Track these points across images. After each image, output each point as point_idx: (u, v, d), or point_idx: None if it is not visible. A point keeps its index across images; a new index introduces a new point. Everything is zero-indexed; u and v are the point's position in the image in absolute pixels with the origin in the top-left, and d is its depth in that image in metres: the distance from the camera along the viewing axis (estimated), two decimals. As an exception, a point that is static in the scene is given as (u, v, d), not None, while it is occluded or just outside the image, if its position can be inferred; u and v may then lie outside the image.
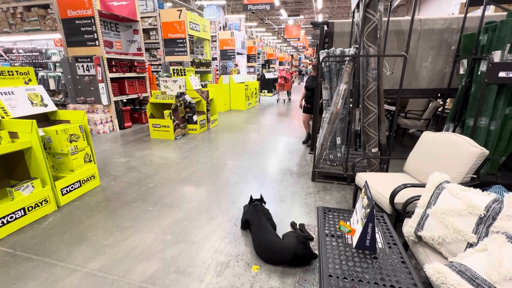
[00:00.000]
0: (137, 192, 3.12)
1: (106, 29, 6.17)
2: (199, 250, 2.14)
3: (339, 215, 1.68)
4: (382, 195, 2.10)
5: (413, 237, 1.59)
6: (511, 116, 2.81)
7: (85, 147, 3.09)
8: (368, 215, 1.28)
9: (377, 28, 2.86)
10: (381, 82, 3.04)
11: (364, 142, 3.24)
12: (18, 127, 2.52)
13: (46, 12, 6.22)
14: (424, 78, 3.62)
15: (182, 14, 7.42)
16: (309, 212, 2.68)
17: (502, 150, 2.94)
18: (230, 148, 4.85)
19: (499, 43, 2.66)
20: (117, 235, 2.34)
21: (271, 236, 2.05)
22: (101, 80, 5.56)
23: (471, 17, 3.31)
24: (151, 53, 8.48)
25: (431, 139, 2.31)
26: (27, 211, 2.46)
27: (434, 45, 3.47)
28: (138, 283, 1.82)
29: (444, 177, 1.60)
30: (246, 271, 1.92)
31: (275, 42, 29.71)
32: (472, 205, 1.35)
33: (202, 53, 9.44)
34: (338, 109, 3.17)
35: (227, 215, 2.64)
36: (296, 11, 19.75)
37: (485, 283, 1.03)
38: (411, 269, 1.22)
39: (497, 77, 2.54)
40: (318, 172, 3.39)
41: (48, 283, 1.82)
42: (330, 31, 3.77)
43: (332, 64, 3.22)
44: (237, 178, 3.53)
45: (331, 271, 1.21)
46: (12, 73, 2.95)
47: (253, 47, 15.22)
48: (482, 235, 1.29)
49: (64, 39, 5.56)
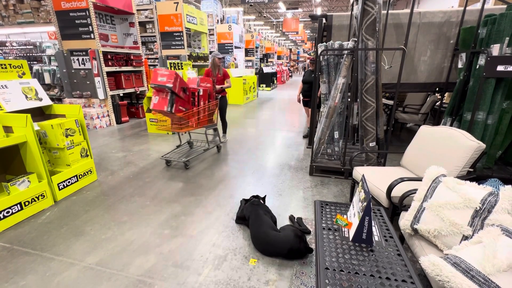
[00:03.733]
0: (134, 186, 3.11)
1: (102, 22, 6.06)
2: (196, 244, 2.15)
3: (336, 209, 1.69)
4: (379, 189, 2.11)
5: (409, 230, 1.60)
6: (508, 110, 2.82)
7: (82, 141, 3.07)
8: (365, 208, 1.28)
9: (376, 21, 2.83)
10: (379, 76, 3.03)
11: (362, 136, 3.24)
12: (13, 121, 2.48)
13: (40, 4, 6.09)
14: (422, 72, 3.61)
15: (179, 6, 7.30)
16: (306, 206, 2.70)
17: (499, 144, 2.95)
18: (228, 142, 4.84)
19: (498, 37, 2.65)
20: (114, 229, 2.34)
21: (268, 228, 2.06)
22: (97, 74, 5.49)
23: (470, 10, 3.29)
24: (148, 47, 8.36)
25: (428, 133, 2.31)
26: (23, 206, 2.45)
27: (433, 39, 3.44)
28: (136, 277, 1.82)
29: (441, 171, 1.61)
30: (243, 264, 1.93)
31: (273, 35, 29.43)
32: (468, 199, 1.36)
33: (200, 46, 9.33)
34: (336, 103, 3.15)
35: (225, 209, 2.64)
36: (295, 4, 19.51)
37: (480, 274, 1.04)
38: (407, 261, 1.23)
39: (495, 71, 2.53)
40: (316, 166, 3.39)
41: (46, 277, 1.83)
42: (328, 24, 3.73)
43: (330, 57, 3.20)
44: (235, 172, 3.53)
45: (328, 264, 1.22)
46: (5, 66, 2.90)
47: (251, 40, 15.06)
48: (477, 228, 1.30)
49: (58, 31, 5.46)
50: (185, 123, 3.52)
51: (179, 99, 3.34)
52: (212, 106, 3.82)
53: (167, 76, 3.14)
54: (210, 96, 3.75)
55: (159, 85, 3.16)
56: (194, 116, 3.59)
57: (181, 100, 3.36)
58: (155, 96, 3.29)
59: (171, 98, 3.23)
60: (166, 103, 3.23)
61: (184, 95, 3.39)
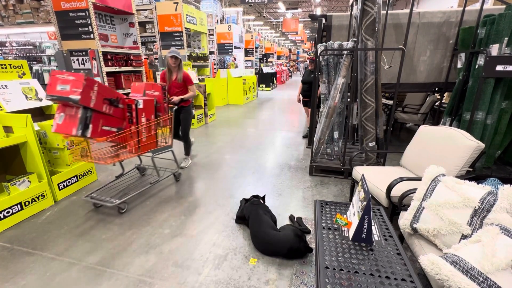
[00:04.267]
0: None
1: (101, 22, 6.06)
2: (197, 244, 2.15)
3: (336, 209, 1.70)
4: (379, 189, 2.12)
5: (409, 230, 1.61)
6: (507, 110, 2.83)
7: (82, 141, 3.07)
8: (364, 208, 1.29)
9: (376, 21, 2.84)
10: (379, 76, 3.04)
11: (362, 136, 3.24)
12: (13, 121, 2.49)
13: (39, 4, 6.09)
14: (422, 72, 3.61)
15: (178, 7, 7.31)
16: (306, 206, 2.70)
17: (498, 144, 2.96)
18: (228, 142, 4.84)
19: (497, 37, 2.66)
20: (114, 229, 2.34)
21: (268, 228, 2.06)
22: (97, 74, 5.48)
23: (469, 10, 3.29)
24: (148, 47, 8.36)
25: (428, 133, 2.32)
26: (24, 206, 2.45)
27: (433, 39, 3.45)
28: (136, 276, 1.83)
29: (440, 170, 1.62)
30: (243, 264, 1.94)
31: (273, 36, 29.44)
32: (467, 198, 1.37)
33: (199, 46, 9.33)
34: (335, 103, 3.16)
35: (225, 209, 2.64)
36: (294, 4, 19.51)
37: (478, 273, 1.05)
38: (406, 260, 1.23)
39: (494, 71, 2.54)
40: (315, 166, 3.40)
41: (46, 276, 1.83)
42: (328, 25, 3.73)
43: (330, 57, 3.20)
44: (235, 172, 3.53)
45: (328, 263, 1.23)
46: (6, 66, 2.90)
47: (251, 41, 15.06)
48: (476, 227, 1.31)
49: (58, 32, 5.46)
50: (118, 149, 2.56)
51: (102, 116, 2.29)
52: (164, 122, 2.85)
53: (72, 83, 2.06)
54: (159, 109, 2.77)
55: (58, 97, 2.07)
56: (133, 137, 2.55)
57: (107, 117, 2.34)
58: (60, 113, 2.19)
59: (83, 116, 2.15)
60: (76, 124, 2.14)
61: (114, 110, 2.37)
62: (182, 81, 3.34)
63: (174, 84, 3.33)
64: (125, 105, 2.52)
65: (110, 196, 2.68)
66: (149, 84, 2.79)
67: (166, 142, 2.95)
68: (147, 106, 2.60)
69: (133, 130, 2.54)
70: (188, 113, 3.50)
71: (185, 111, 3.45)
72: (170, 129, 2.97)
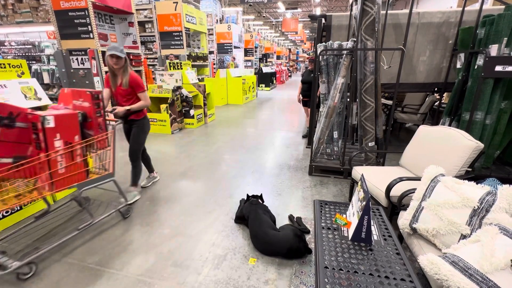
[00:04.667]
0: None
1: (101, 22, 6.05)
2: (196, 244, 2.15)
3: (336, 208, 1.70)
4: (378, 189, 2.12)
5: (408, 230, 1.61)
6: (506, 110, 2.83)
7: (81, 141, 3.05)
8: (364, 208, 1.29)
9: (375, 21, 2.84)
10: (378, 76, 3.04)
11: (361, 136, 3.24)
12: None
13: (38, 3, 6.08)
14: (421, 72, 3.62)
15: (178, 6, 7.30)
16: (306, 206, 2.70)
17: (497, 144, 2.96)
18: (227, 142, 4.84)
19: (496, 37, 2.66)
20: (114, 229, 2.34)
21: (267, 228, 2.06)
22: (96, 73, 5.48)
23: (469, 10, 3.30)
24: (147, 46, 8.35)
25: (427, 133, 2.32)
26: (23, 205, 2.45)
27: (432, 39, 3.45)
28: (135, 276, 1.83)
29: (439, 170, 1.62)
30: (243, 264, 1.94)
31: (273, 35, 29.43)
32: (466, 198, 1.37)
33: (199, 46, 9.32)
34: (335, 103, 3.16)
35: (224, 209, 2.64)
36: (294, 4, 19.51)
37: (477, 273, 1.05)
38: (406, 260, 1.24)
39: (493, 71, 2.55)
40: (315, 166, 3.40)
41: (46, 276, 1.82)
42: (328, 24, 3.73)
43: (329, 57, 3.20)
44: (234, 172, 3.53)
45: (327, 263, 1.23)
46: (4, 66, 2.89)
47: (251, 40, 15.06)
48: (475, 227, 1.31)
49: (57, 31, 5.45)
50: (16, 186, 1.82)
51: None
52: (100, 143, 2.15)
53: None
54: (89, 126, 2.05)
55: None
56: (44, 169, 1.78)
57: None
58: None
59: None
60: None
61: (4, 131, 1.70)
62: (129, 87, 2.52)
63: (119, 92, 2.56)
64: (30, 125, 1.76)
65: (13, 251, 1.85)
66: (75, 91, 2.06)
67: (106, 170, 2.24)
68: (64, 123, 1.84)
69: (42, 159, 1.76)
70: (140, 128, 2.68)
71: (137, 126, 2.67)
72: (112, 152, 2.26)
